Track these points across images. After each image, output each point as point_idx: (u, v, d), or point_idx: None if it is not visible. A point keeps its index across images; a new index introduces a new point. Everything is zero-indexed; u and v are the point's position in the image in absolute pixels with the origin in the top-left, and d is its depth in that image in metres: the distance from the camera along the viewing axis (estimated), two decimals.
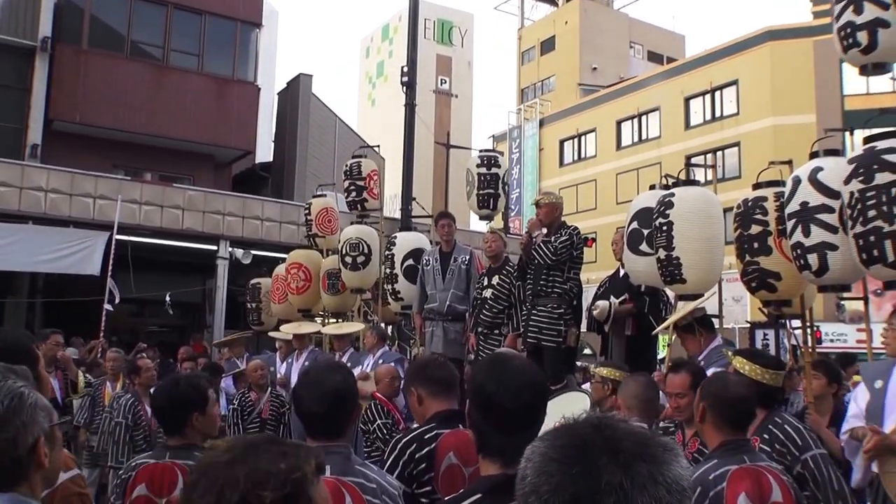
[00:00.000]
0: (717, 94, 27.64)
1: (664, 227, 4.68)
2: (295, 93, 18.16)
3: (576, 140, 33.51)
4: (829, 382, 4.52)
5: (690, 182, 4.93)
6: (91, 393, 7.31)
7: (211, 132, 15.69)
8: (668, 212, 4.67)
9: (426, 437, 2.62)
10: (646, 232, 5.09)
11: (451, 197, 23.96)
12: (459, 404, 2.61)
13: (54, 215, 11.73)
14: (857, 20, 3.89)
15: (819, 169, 4.01)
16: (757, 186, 4.58)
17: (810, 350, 4.65)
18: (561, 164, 34.05)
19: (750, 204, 4.46)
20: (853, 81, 24.98)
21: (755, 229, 4.39)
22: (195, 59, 15.90)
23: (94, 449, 6.92)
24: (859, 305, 16.80)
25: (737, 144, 26.16)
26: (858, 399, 3.61)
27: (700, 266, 4.62)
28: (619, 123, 31.45)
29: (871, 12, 3.85)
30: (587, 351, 11.64)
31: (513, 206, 31.79)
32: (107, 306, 10.07)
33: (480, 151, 7.24)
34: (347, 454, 2.19)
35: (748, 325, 5.45)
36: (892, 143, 3.54)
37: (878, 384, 3.51)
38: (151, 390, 5.99)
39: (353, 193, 8.53)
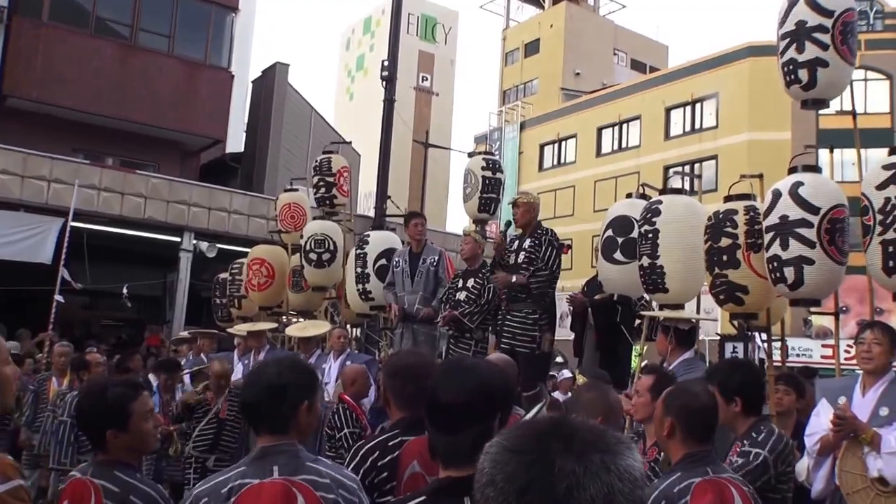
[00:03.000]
0: (698, 105, 27.79)
1: (650, 235, 4.69)
2: (270, 82, 17.74)
3: (556, 145, 33.50)
4: (798, 398, 4.45)
5: (677, 191, 4.97)
6: (36, 389, 7.00)
7: (179, 118, 15.15)
8: (654, 219, 4.69)
9: (389, 444, 2.53)
10: (620, 240, 5.12)
11: (428, 196, 23.72)
12: None
13: (4, 198, 11.24)
14: (799, 58, 4.15)
15: (800, 184, 4.04)
16: (728, 199, 4.59)
17: (778, 363, 4.72)
18: (540, 168, 34.02)
19: (721, 217, 4.48)
20: None
21: (725, 242, 4.42)
22: (165, 41, 15.36)
23: (34, 449, 6.57)
24: (825, 321, 17.05)
25: (714, 157, 26.28)
26: (821, 415, 3.58)
27: (683, 275, 4.71)
28: (599, 130, 31.51)
29: (811, 51, 4.10)
30: (559, 359, 11.50)
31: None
32: (58, 297, 9.65)
33: (477, 154, 7.03)
34: (295, 451, 2.09)
35: (718, 337, 5.41)
36: None
37: (842, 400, 3.54)
38: None
39: (323, 189, 8.32)
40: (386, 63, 11.30)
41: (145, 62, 15.09)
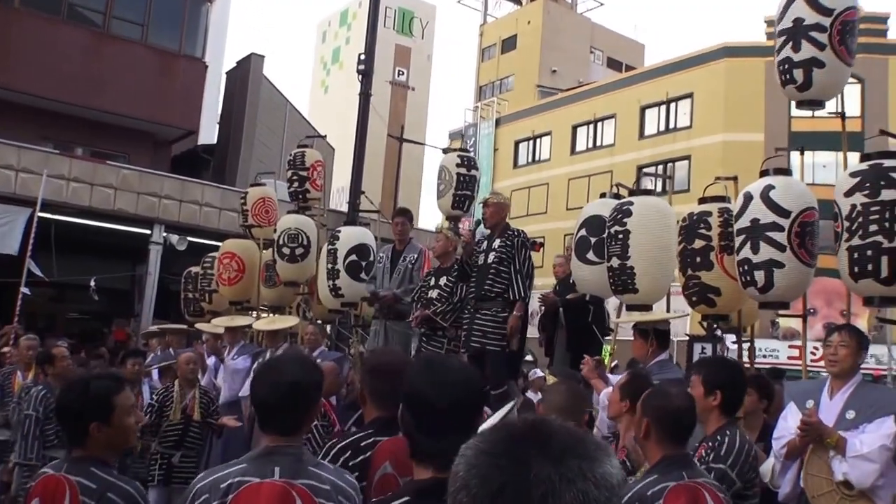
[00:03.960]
0: (673, 105, 27.89)
1: (620, 236, 4.68)
2: (245, 73, 17.54)
3: (531, 142, 33.51)
4: (760, 398, 4.45)
5: (648, 192, 4.96)
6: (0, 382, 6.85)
7: (152, 108, 14.94)
8: (625, 220, 4.68)
9: (362, 444, 2.48)
10: (594, 240, 5.09)
11: (401, 192, 23.60)
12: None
13: None
14: (795, 57, 4.04)
15: (771, 187, 4.06)
16: (703, 201, 4.61)
17: (746, 364, 4.80)
18: (515, 165, 34.01)
19: (695, 218, 4.50)
20: None
21: (698, 243, 4.44)
22: (139, 29, 15.12)
23: None
24: (792, 323, 17.28)
25: (688, 158, 26.44)
26: (788, 418, 3.59)
27: (653, 276, 4.71)
28: (574, 128, 31.55)
29: (808, 51, 3.99)
30: (528, 357, 11.53)
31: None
32: (24, 289, 9.44)
33: (452, 150, 7.02)
34: (299, 454, 2.09)
35: (687, 337, 5.45)
36: None
37: (810, 404, 3.54)
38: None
39: (296, 184, 8.25)
40: (362, 56, 11.18)
41: (118, 51, 14.85)
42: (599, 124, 30.67)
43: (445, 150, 7.16)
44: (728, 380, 3.17)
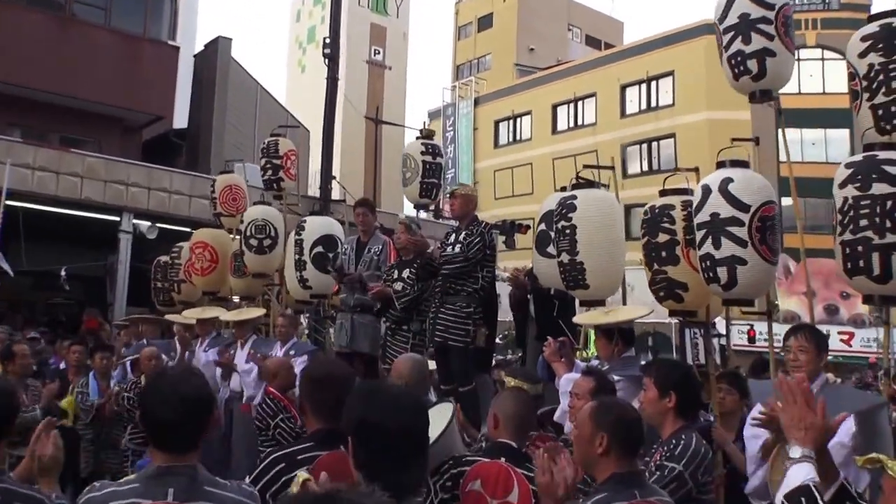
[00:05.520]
0: (654, 83, 27.77)
1: (567, 231, 4.60)
2: (213, 57, 17.24)
3: (511, 122, 33.36)
4: (741, 398, 4.39)
5: (590, 184, 4.83)
6: None
7: (119, 94, 14.64)
8: (570, 215, 4.60)
9: (299, 457, 2.44)
10: (553, 234, 4.98)
11: (383, 175, 23.35)
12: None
13: None
14: (747, 49, 4.19)
15: (729, 180, 3.94)
16: (664, 193, 4.47)
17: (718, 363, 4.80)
18: (496, 145, 33.88)
19: (657, 211, 4.36)
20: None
21: (663, 238, 4.31)
22: (102, 14, 14.78)
23: None
24: (791, 306, 17.23)
25: (672, 136, 26.37)
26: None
27: (603, 271, 4.61)
28: (555, 107, 31.40)
29: (758, 42, 4.15)
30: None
31: (448, 188, 31.41)
32: None
33: (422, 138, 6.91)
34: (194, 474, 2.00)
35: (677, 320, 5.29)
36: (893, 154, 3.52)
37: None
38: (27, 380, 5.50)
39: (269, 172, 8.17)
40: (328, 40, 10.99)
41: (82, 36, 14.52)
42: (580, 103, 30.55)
43: (422, 132, 7.06)
44: (681, 380, 3.12)
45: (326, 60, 10.98)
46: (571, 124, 30.91)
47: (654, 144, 27.66)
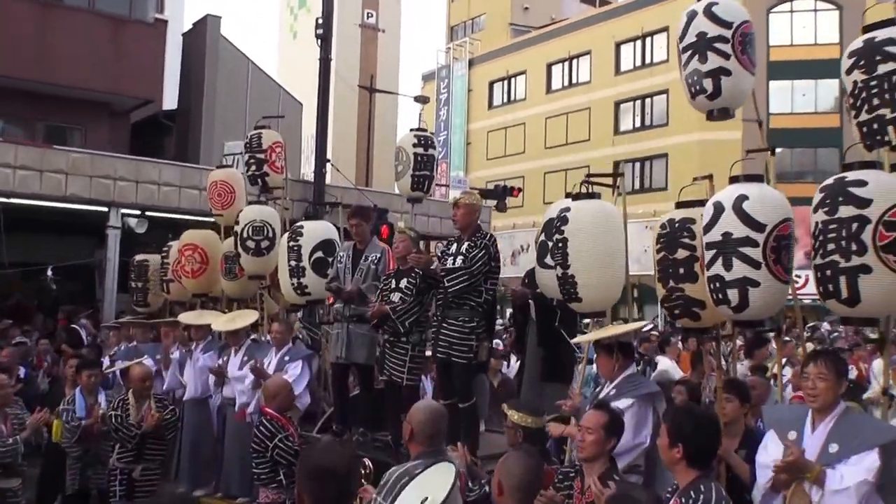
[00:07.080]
0: (648, 40, 27.42)
1: (560, 244, 4.52)
2: (201, 36, 16.78)
3: (505, 82, 32.98)
4: (742, 404, 4.28)
5: (590, 195, 4.67)
6: None
7: (106, 78, 14.23)
8: (563, 228, 4.51)
9: None
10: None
11: (376, 149, 22.82)
12: None
13: None
14: (703, 68, 4.13)
15: (744, 198, 3.72)
16: (681, 205, 4.24)
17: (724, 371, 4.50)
18: (490, 106, 33.54)
19: (676, 225, 4.13)
20: (778, 31, 25.19)
21: (681, 254, 4.09)
22: None
23: None
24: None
25: (665, 92, 26.10)
26: (769, 448, 3.43)
27: (596, 285, 4.48)
28: (549, 66, 31.06)
29: (714, 61, 4.11)
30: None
31: (440, 149, 31.03)
32: None
33: (416, 130, 6.72)
34: None
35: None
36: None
37: (792, 436, 3.36)
38: (6, 408, 5.30)
39: (254, 167, 7.87)
40: (320, 20, 10.60)
41: (66, 20, 14.06)
42: (574, 61, 30.20)
43: (417, 99, 6.83)
44: (691, 431, 3.00)
45: (318, 41, 10.57)
46: (566, 83, 30.62)
47: (648, 101, 27.43)
